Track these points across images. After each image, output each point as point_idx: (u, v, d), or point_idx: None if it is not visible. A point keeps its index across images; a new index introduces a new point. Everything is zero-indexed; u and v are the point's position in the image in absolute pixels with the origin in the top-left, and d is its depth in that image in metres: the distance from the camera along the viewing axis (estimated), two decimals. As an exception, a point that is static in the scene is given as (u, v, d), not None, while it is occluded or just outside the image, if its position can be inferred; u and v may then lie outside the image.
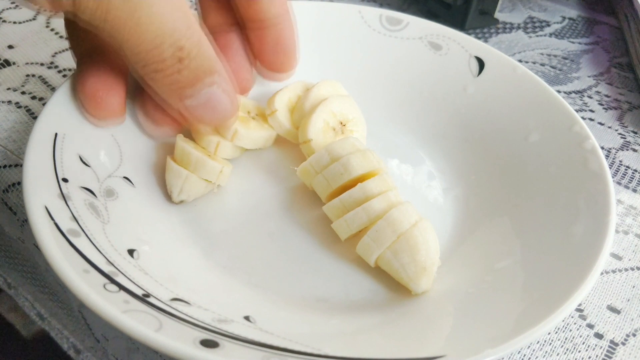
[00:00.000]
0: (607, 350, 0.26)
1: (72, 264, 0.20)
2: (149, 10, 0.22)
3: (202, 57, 0.25)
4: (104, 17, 0.22)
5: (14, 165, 0.32)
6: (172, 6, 0.23)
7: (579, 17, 0.52)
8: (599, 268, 0.23)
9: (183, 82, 0.25)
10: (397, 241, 0.25)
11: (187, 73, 0.25)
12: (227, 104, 0.27)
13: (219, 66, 0.26)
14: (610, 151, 0.37)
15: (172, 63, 0.24)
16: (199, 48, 0.25)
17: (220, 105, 0.27)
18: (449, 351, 0.20)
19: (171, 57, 0.24)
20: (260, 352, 0.20)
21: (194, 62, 0.25)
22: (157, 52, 0.24)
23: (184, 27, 0.24)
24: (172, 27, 0.23)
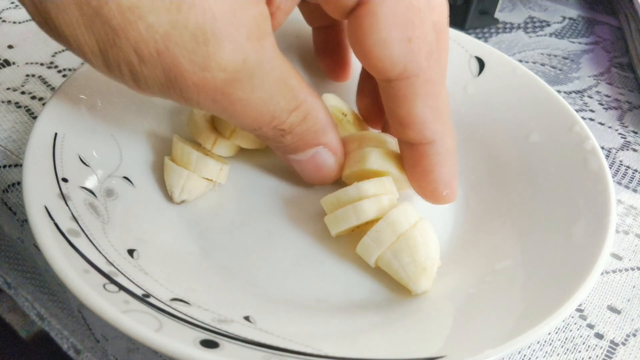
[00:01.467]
0: (607, 350, 0.26)
1: (72, 264, 0.20)
2: (246, 100, 0.21)
3: (307, 130, 0.24)
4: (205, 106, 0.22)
5: (13, 165, 0.32)
6: (273, 85, 0.22)
7: (579, 17, 0.52)
8: (599, 268, 0.23)
9: (286, 147, 0.25)
10: (397, 241, 0.25)
11: (290, 141, 0.24)
12: (331, 167, 0.26)
13: (328, 136, 0.25)
14: (610, 151, 0.37)
15: (274, 136, 0.24)
16: (305, 121, 0.24)
17: (324, 167, 0.26)
18: (449, 351, 0.20)
19: (272, 133, 0.24)
20: (260, 352, 0.20)
21: (297, 135, 0.24)
22: (257, 132, 0.24)
23: (287, 105, 0.23)
24: (272, 109, 0.22)
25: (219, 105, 0.21)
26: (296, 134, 0.24)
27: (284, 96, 0.22)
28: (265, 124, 0.23)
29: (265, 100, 0.22)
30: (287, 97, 0.22)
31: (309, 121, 0.24)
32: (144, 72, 0.20)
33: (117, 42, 0.19)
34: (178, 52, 0.19)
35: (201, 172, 0.28)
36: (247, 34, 0.20)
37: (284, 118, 0.23)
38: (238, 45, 0.20)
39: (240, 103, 0.21)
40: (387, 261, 0.25)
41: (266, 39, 0.21)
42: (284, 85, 0.22)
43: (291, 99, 0.23)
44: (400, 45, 0.21)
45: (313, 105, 0.24)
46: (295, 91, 0.23)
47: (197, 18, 0.18)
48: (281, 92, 0.22)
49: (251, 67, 0.20)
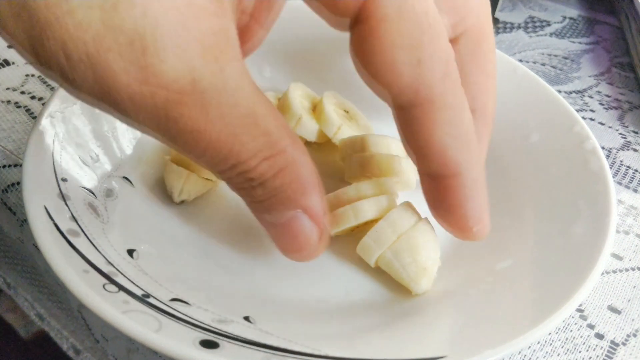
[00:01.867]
0: (607, 350, 0.25)
1: (72, 264, 0.20)
2: (200, 132, 0.17)
3: (283, 186, 0.19)
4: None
5: (13, 165, 0.32)
6: (237, 120, 0.18)
7: (579, 16, 0.52)
8: (599, 268, 0.23)
9: (257, 201, 0.20)
10: (398, 241, 0.24)
11: (261, 195, 0.20)
12: (310, 238, 0.21)
13: (310, 199, 0.20)
14: (611, 151, 0.37)
15: (240, 183, 0.19)
16: (282, 175, 0.19)
17: (302, 237, 0.21)
18: (449, 352, 0.20)
19: (238, 180, 0.19)
20: (260, 353, 0.20)
21: (270, 190, 0.19)
22: (219, 175, 0.19)
23: (257, 149, 0.18)
24: (237, 150, 0.18)
25: (166, 131, 0.17)
26: (269, 188, 0.19)
27: (254, 138, 0.18)
28: (227, 166, 0.19)
29: (227, 137, 0.18)
30: (258, 141, 0.18)
31: (287, 176, 0.19)
32: (75, 78, 0.16)
33: (45, 40, 0.16)
34: (111, 58, 0.16)
35: (201, 172, 0.28)
36: (201, 50, 0.16)
37: (251, 164, 0.19)
38: (186, 60, 0.16)
39: (192, 134, 0.17)
40: (388, 261, 0.25)
41: (228, 63, 0.17)
42: (254, 126, 0.18)
43: (265, 144, 0.18)
44: (409, 69, 0.18)
45: (295, 158, 0.19)
46: (271, 136, 0.19)
47: (135, 20, 0.15)
48: (249, 132, 0.18)
49: (203, 91, 0.17)
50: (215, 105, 0.17)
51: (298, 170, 0.20)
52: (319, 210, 0.21)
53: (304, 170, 0.20)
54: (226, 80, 0.17)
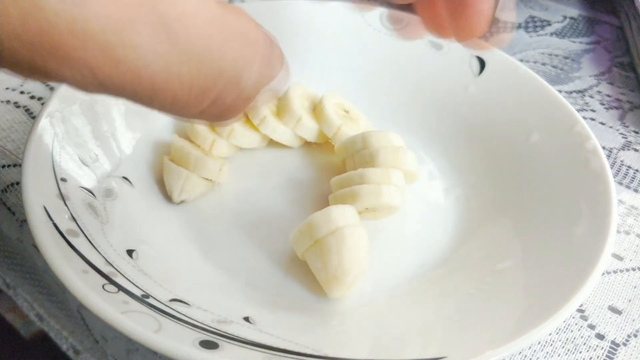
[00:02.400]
0: (608, 350, 0.25)
1: (71, 265, 0.20)
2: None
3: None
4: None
5: (12, 165, 0.32)
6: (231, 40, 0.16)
7: (580, 16, 0.52)
8: (600, 269, 0.23)
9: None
10: (313, 246, 0.24)
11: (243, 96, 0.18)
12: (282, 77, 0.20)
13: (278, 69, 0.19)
14: (611, 151, 0.36)
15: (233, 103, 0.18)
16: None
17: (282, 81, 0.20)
18: (450, 352, 0.20)
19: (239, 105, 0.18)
20: (260, 353, 0.20)
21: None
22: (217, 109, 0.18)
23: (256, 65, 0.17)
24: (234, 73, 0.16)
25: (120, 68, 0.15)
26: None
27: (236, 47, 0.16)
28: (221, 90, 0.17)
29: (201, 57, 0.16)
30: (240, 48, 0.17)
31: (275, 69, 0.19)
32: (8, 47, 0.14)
33: None
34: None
35: (200, 172, 0.28)
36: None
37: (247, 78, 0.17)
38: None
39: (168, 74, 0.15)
40: (308, 260, 0.25)
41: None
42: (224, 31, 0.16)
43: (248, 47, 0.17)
44: None
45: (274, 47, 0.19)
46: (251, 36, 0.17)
47: None
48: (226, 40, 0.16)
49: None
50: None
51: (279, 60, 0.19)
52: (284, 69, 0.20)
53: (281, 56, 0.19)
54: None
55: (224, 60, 0.16)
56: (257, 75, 0.18)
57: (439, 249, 0.28)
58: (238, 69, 0.17)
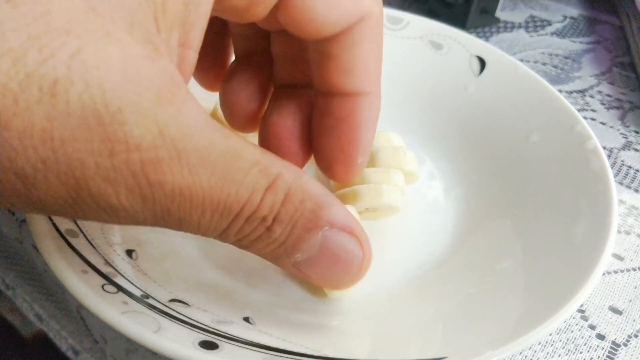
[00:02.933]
0: (608, 351, 0.25)
1: (71, 265, 0.20)
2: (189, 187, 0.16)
3: (298, 210, 0.18)
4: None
5: (12, 165, 0.32)
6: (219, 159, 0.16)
7: (580, 16, 0.52)
8: (600, 269, 0.23)
9: (281, 245, 0.18)
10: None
11: (281, 233, 0.18)
12: (354, 251, 0.19)
13: (331, 209, 0.18)
14: (612, 151, 0.36)
15: (256, 233, 0.18)
16: (291, 199, 0.17)
17: (346, 253, 0.19)
18: (450, 352, 0.20)
19: (251, 228, 0.17)
20: (260, 354, 0.20)
21: (287, 221, 0.18)
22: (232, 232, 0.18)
23: (254, 183, 0.17)
24: (235, 192, 0.16)
25: (155, 205, 0.15)
26: (285, 219, 0.17)
27: (246, 173, 0.16)
28: (233, 215, 0.17)
29: (218, 181, 0.16)
30: (252, 173, 0.17)
31: (296, 198, 0.18)
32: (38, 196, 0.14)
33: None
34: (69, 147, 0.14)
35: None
36: (154, 98, 0.15)
37: (256, 200, 0.17)
38: (145, 113, 0.14)
39: (182, 194, 0.16)
40: None
41: (183, 103, 0.15)
42: (240, 160, 0.16)
43: (259, 174, 0.17)
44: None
45: (294, 175, 0.18)
46: (262, 164, 0.17)
47: (81, 95, 0.13)
48: (239, 168, 0.16)
49: (175, 139, 0.15)
50: (192, 150, 0.15)
51: (304, 187, 0.18)
52: (346, 217, 0.19)
53: (310, 185, 0.18)
54: (189, 122, 0.15)
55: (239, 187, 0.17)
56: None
57: (439, 249, 0.28)
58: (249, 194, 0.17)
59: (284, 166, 0.18)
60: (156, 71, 0.15)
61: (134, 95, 0.14)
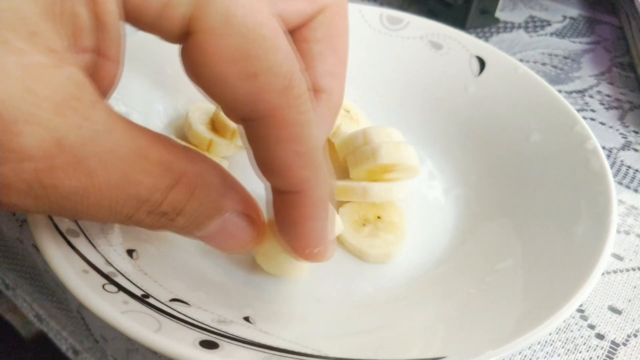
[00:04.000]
0: (608, 350, 0.25)
1: (71, 264, 0.20)
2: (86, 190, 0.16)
3: (201, 204, 0.19)
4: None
5: (13, 165, 0.32)
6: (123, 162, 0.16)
7: (580, 16, 0.52)
8: (600, 269, 0.23)
9: (183, 228, 0.20)
10: None
11: (184, 222, 0.19)
12: (248, 232, 0.21)
13: (231, 198, 0.20)
14: (611, 151, 0.36)
15: (156, 222, 0.18)
16: (195, 196, 0.18)
17: (240, 234, 0.21)
18: (450, 352, 0.20)
19: (151, 219, 0.18)
20: (260, 353, 0.20)
21: (190, 214, 0.19)
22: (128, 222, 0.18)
23: (157, 183, 0.17)
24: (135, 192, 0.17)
25: (49, 203, 0.16)
26: (188, 213, 0.19)
27: (149, 173, 0.17)
28: (132, 210, 0.17)
29: (119, 181, 0.16)
30: (155, 174, 0.17)
31: (201, 194, 0.19)
32: None
33: None
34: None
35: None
36: (55, 107, 0.15)
37: (158, 199, 0.18)
38: (43, 123, 0.15)
39: (78, 195, 0.16)
40: None
41: (90, 109, 0.16)
42: (144, 161, 0.17)
43: (163, 174, 0.17)
44: (244, 83, 0.17)
45: (200, 173, 0.18)
46: (167, 164, 0.17)
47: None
48: (141, 169, 0.17)
49: (73, 146, 0.15)
50: (92, 156, 0.16)
51: (209, 183, 0.19)
52: (244, 204, 0.21)
53: (214, 179, 0.19)
54: (94, 127, 0.16)
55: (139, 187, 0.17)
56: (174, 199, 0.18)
57: (439, 249, 0.28)
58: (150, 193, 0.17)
59: (191, 161, 0.18)
60: (60, 79, 0.15)
61: (31, 106, 0.15)
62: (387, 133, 0.29)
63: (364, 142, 0.29)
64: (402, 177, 0.29)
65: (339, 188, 0.28)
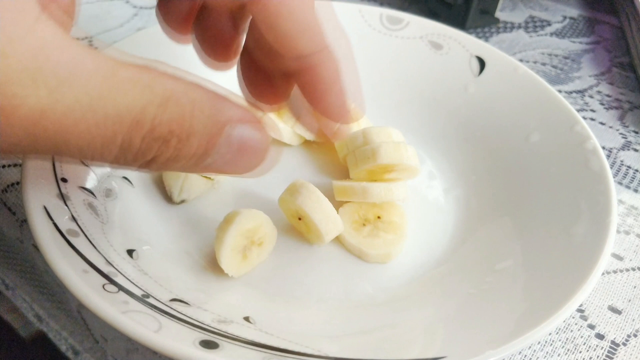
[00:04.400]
0: (608, 350, 0.25)
1: (71, 264, 0.20)
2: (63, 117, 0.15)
3: (199, 118, 0.17)
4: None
5: (12, 165, 0.32)
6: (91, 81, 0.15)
7: (580, 16, 0.52)
8: (600, 269, 0.23)
9: (188, 156, 0.18)
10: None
11: (188, 149, 0.18)
12: (260, 142, 0.19)
13: (229, 109, 0.18)
14: (611, 151, 0.37)
15: (157, 149, 0.17)
16: (189, 111, 0.17)
17: (252, 146, 0.19)
18: (450, 352, 0.20)
19: (150, 145, 0.17)
20: (260, 353, 0.20)
21: (190, 133, 0.17)
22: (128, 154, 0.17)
23: (143, 99, 0.16)
24: (117, 112, 0.16)
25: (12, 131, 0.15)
26: (189, 135, 0.17)
27: (123, 92, 0.16)
28: (121, 135, 0.16)
29: (90, 104, 0.15)
30: (131, 92, 0.16)
31: (196, 111, 0.17)
32: None
33: None
34: None
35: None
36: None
37: (149, 116, 0.16)
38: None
39: (44, 115, 0.15)
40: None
41: (34, 24, 0.15)
42: (112, 78, 0.16)
43: (142, 92, 0.16)
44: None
45: (188, 90, 0.17)
46: (141, 83, 0.16)
47: None
48: (112, 86, 0.16)
49: (22, 60, 0.14)
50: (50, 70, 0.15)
51: (200, 94, 0.18)
52: (243, 110, 0.19)
53: (205, 94, 0.18)
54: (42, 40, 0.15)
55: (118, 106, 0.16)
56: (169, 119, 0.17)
57: (439, 249, 0.28)
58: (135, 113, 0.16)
59: (174, 81, 0.17)
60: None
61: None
62: (387, 133, 0.29)
63: (364, 142, 0.29)
64: (402, 177, 0.29)
65: (339, 188, 0.28)
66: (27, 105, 0.14)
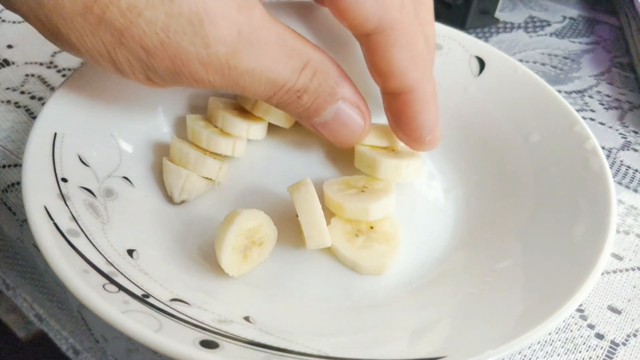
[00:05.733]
0: (607, 350, 0.25)
1: (72, 264, 0.20)
2: (253, 70, 0.23)
3: (321, 85, 0.25)
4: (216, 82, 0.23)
5: (13, 165, 0.32)
6: (273, 49, 0.23)
7: (579, 16, 0.52)
8: (599, 268, 0.23)
9: (307, 109, 0.25)
10: None
11: (308, 100, 0.25)
12: (357, 121, 0.27)
13: (344, 87, 0.26)
14: (611, 151, 0.37)
15: (290, 100, 0.25)
16: (316, 77, 0.24)
17: (351, 123, 0.27)
18: (449, 352, 0.20)
19: (288, 96, 0.24)
20: (261, 353, 0.20)
21: (313, 93, 0.25)
22: (274, 100, 0.24)
23: (294, 65, 0.23)
24: (281, 72, 0.23)
25: (229, 79, 0.22)
26: (311, 92, 0.25)
27: (289, 57, 0.23)
28: (278, 88, 0.24)
29: (271, 65, 0.23)
30: (292, 58, 0.23)
31: (320, 76, 0.24)
32: (154, 65, 0.21)
33: (124, 41, 0.21)
34: (179, 38, 0.21)
35: (200, 172, 0.28)
36: (237, 7, 0.21)
37: (294, 79, 0.24)
38: (230, 18, 0.21)
39: (249, 73, 0.22)
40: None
41: (254, 9, 0.22)
42: (284, 47, 0.23)
43: (296, 58, 0.23)
44: (372, 1, 0.24)
45: (320, 60, 0.25)
46: (298, 50, 0.24)
47: (189, 3, 0.20)
48: (284, 54, 0.23)
49: (247, 36, 0.22)
50: (256, 43, 0.22)
51: (327, 69, 0.25)
52: (354, 95, 0.26)
53: (331, 67, 0.25)
54: (256, 21, 0.22)
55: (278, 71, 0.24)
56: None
57: (439, 249, 0.28)
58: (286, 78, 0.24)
59: (313, 50, 0.24)
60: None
61: (224, 6, 0.21)
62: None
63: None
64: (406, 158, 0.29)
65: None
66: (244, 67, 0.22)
